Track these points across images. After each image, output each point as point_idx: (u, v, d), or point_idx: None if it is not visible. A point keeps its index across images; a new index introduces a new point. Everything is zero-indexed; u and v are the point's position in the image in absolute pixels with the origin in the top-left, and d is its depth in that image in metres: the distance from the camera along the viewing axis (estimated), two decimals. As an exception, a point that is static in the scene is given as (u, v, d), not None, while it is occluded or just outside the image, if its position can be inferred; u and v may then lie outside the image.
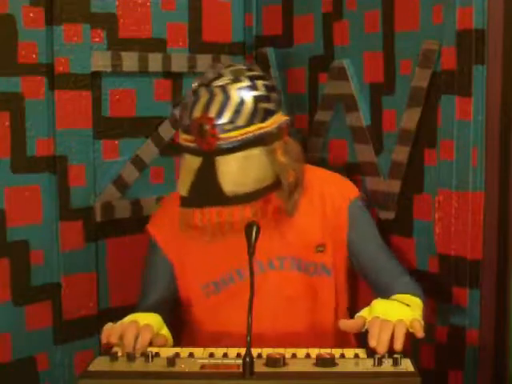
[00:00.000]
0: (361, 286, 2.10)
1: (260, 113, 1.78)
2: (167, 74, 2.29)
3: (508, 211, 1.87)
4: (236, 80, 1.79)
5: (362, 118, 2.14)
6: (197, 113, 1.76)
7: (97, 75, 2.16)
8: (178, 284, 1.97)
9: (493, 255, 1.90)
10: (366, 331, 1.63)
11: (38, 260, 2.10)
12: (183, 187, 1.80)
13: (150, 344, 1.66)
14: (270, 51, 2.37)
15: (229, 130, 1.75)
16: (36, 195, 2.09)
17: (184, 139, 1.80)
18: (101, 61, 2.15)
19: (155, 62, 2.25)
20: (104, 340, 1.66)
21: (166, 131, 2.30)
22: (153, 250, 1.99)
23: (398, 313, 1.67)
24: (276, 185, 1.84)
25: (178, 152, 1.88)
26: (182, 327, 2.00)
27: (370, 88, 2.13)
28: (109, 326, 1.69)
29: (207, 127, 1.74)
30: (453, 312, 1.94)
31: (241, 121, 1.76)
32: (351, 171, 2.19)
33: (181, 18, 2.31)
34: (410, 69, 2.00)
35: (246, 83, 1.79)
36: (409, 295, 1.81)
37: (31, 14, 2.03)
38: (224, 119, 1.75)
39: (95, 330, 2.19)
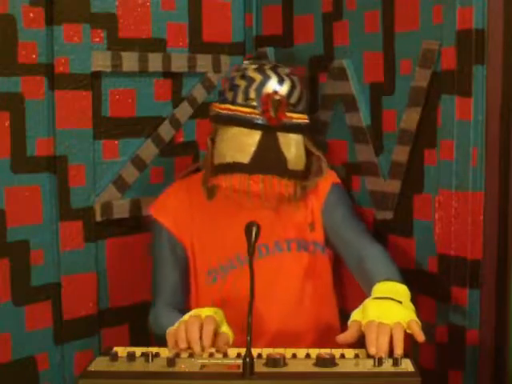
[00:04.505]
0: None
1: (307, 105, 2.04)
2: (167, 74, 2.29)
3: (508, 211, 1.87)
4: (292, 73, 2.01)
5: (362, 118, 2.13)
6: (269, 89, 1.93)
7: (97, 75, 2.16)
8: (190, 266, 2.04)
9: (493, 255, 1.90)
10: (363, 335, 1.63)
11: (38, 260, 2.10)
12: (239, 154, 1.92)
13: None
14: (270, 51, 2.37)
15: (293, 112, 1.96)
16: (36, 195, 2.09)
17: (243, 111, 1.93)
18: (101, 61, 2.14)
19: (155, 62, 2.24)
20: (173, 349, 1.63)
21: (166, 131, 2.30)
22: (160, 236, 2.05)
23: (393, 314, 1.66)
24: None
25: (224, 123, 1.96)
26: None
27: (370, 88, 2.13)
28: (172, 331, 1.65)
29: (281, 103, 1.92)
30: (453, 312, 1.94)
31: (301, 106, 1.99)
32: (351, 171, 2.19)
33: (181, 18, 2.31)
34: (410, 69, 2.00)
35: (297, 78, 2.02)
36: (393, 283, 1.80)
37: (31, 14, 2.03)
38: (292, 100, 1.96)
39: (95, 330, 2.20)
